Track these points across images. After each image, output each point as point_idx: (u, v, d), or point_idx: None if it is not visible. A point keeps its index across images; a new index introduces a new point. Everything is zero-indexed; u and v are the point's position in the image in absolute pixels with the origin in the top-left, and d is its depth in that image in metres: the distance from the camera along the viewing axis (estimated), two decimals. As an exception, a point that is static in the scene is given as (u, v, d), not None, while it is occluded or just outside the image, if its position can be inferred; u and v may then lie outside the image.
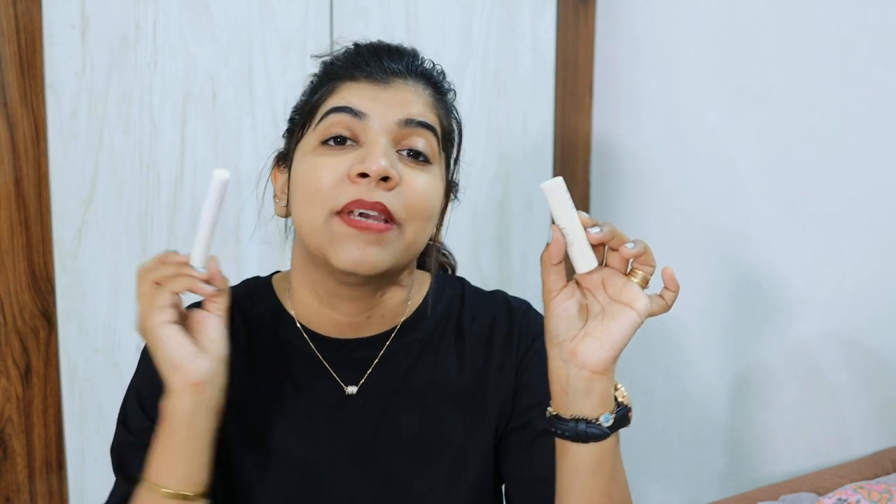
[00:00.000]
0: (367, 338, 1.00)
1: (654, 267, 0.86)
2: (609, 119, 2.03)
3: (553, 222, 0.85)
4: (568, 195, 0.83)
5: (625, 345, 0.85)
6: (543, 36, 1.92)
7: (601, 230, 0.83)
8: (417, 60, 0.98)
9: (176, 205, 1.55)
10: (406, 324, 1.02)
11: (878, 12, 1.54)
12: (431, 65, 1.00)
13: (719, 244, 1.82)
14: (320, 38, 1.63)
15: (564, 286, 0.86)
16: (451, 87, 1.02)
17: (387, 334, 1.01)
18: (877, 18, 1.55)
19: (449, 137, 0.99)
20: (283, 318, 1.01)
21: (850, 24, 1.58)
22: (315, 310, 0.99)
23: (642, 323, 0.85)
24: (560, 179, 0.83)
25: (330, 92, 0.95)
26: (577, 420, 0.86)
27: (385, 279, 0.96)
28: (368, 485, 0.99)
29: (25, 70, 1.40)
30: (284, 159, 1.01)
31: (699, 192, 1.86)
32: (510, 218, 1.94)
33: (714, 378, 1.84)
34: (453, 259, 1.16)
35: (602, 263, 0.86)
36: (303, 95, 1.01)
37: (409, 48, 1.00)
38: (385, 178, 0.89)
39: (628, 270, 0.86)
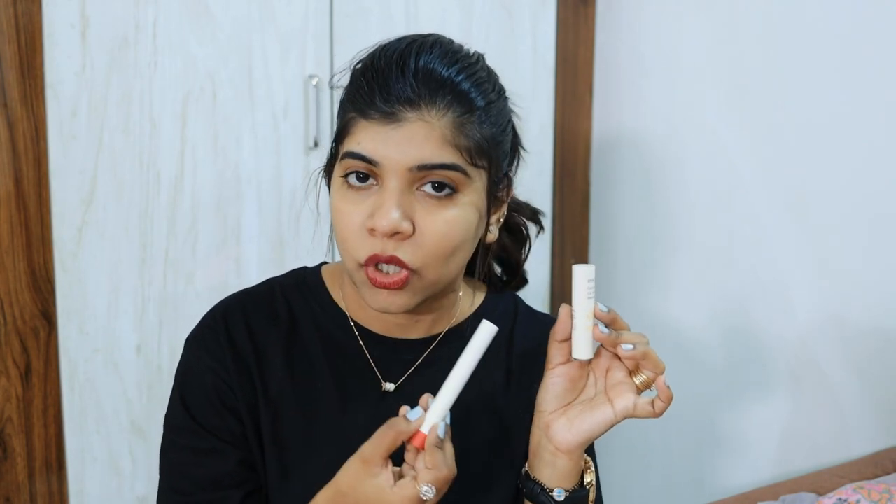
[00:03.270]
0: (416, 339, 1.00)
1: (656, 372, 0.89)
2: (609, 119, 2.03)
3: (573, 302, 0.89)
4: (592, 283, 0.87)
5: (594, 437, 0.91)
6: (543, 36, 1.92)
7: (609, 332, 0.87)
8: (434, 76, 0.89)
9: (176, 205, 1.54)
10: (454, 331, 1.02)
11: (878, 12, 1.54)
12: (456, 74, 0.90)
13: (719, 244, 1.82)
14: (320, 38, 1.63)
15: (563, 363, 0.91)
16: (485, 91, 0.92)
17: (435, 337, 1.01)
18: (877, 18, 1.55)
19: (481, 152, 0.91)
20: (333, 311, 1.01)
21: (851, 23, 1.58)
22: (364, 307, 0.99)
23: (618, 422, 0.89)
24: (591, 267, 0.88)
25: (349, 127, 0.91)
26: (535, 482, 0.93)
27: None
28: None
29: (25, 70, 1.40)
30: (328, 170, 0.98)
31: (699, 192, 1.86)
32: (510, 218, 1.94)
33: (714, 377, 1.84)
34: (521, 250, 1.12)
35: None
36: (339, 106, 0.97)
37: (435, 51, 0.90)
38: (397, 232, 0.88)
39: (635, 368, 0.90)
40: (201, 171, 1.56)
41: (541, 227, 1.11)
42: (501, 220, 1.01)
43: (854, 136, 1.59)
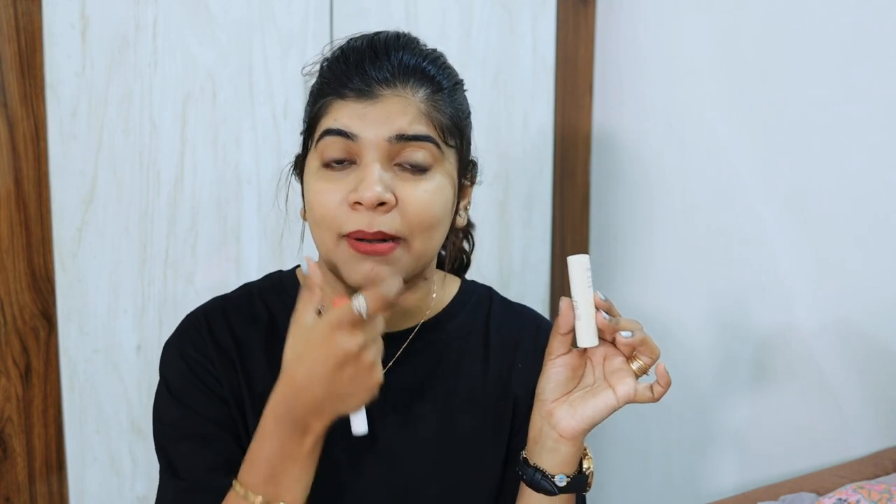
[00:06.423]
0: (391, 333, 1.01)
1: (653, 358, 0.91)
2: (609, 119, 2.03)
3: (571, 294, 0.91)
4: (589, 273, 0.89)
5: (597, 422, 0.92)
6: (543, 36, 1.92)
7: (609, 319, 0.89)
8: (405, 62, 0.94)
9: (176, 205, 1.54)
10: (429, 323, 1.04)
11: (878, 12, 1.54)
12: (423, 60, 0.96)
13: (719, 243, 1.82)
14: (320, 38, 1.63)
15: (565, 353, 0.93)
16: (450, 76, 0.98)
17: (410, 331, 1.03)
18: (877, 18, 1.55)
19: (453, 130, 0.96)
20: None
21: (851, 23, 1.58)
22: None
23: (620, 407, 0.92)
24: (586, 256, 0.89)
25: (323, 109, 0.95)
26: (536, 469, 0.95)
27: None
28: (383, 482, 1.00)
29: (25, 70, 1.40)
30: (299, 165, 1.02)
31: (699, 191, 1.86)
32: (510, 218, 1.94)
33: (713, 377, 1.84)
34: (470, 242, 1.16)
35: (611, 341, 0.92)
36: (306, 105, 1.01)
37: (402, 40, 0.97)
38: (381, 203, 0.90)
39: (631, 354, 0.92)
40: (201, 171, 1.56)
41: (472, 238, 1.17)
42: (469, 207, 1.04)
43: (854, 135, 1.59)
